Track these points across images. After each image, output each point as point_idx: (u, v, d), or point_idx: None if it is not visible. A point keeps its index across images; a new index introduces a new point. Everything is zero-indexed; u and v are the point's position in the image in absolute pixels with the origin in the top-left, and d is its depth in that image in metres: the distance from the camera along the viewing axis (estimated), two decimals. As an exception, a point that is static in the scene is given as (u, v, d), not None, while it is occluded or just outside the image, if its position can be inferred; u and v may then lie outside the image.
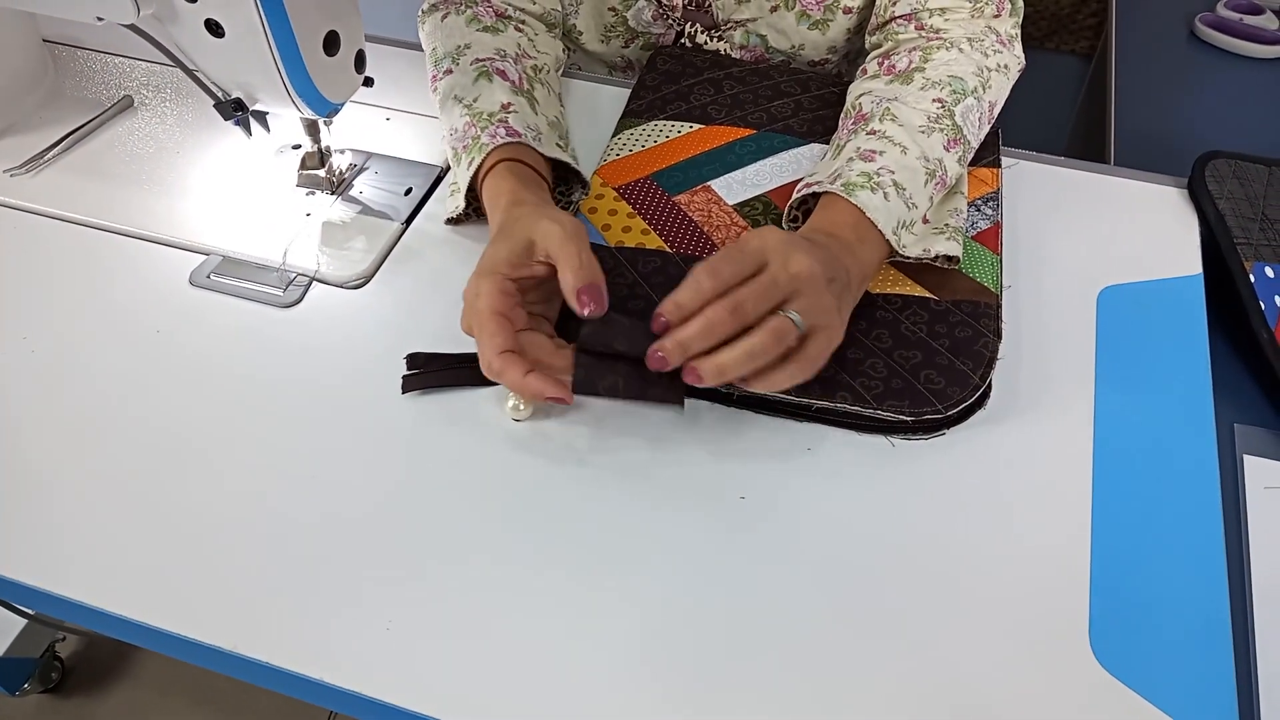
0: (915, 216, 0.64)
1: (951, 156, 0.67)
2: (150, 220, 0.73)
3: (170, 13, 0.63)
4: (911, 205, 0.64)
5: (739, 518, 0.56)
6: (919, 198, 0.64)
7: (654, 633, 0.51)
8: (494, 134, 0.68)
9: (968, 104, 0.69)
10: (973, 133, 0.69)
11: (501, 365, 0.55)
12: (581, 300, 0.56)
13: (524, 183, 0.66)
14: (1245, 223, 0.72)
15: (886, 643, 0.51)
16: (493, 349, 0.55)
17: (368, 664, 0.50)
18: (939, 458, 0.58)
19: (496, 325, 0.56)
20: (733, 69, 0.83)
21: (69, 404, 0.62)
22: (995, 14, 0.75)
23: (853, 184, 0.63)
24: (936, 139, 0.67)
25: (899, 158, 0.65)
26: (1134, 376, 0.63)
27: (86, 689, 1.35)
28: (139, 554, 0.54)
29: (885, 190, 0.63)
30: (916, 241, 0.64)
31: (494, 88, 0.72)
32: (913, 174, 0.64)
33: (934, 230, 0.65)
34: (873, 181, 0.63)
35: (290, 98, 0.66)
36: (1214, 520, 0.56)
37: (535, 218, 0.59)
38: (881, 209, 0.62)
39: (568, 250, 0.56)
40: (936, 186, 0.66)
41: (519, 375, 0.55)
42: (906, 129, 0.67)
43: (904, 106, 0.68)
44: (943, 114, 0.68)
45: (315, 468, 0.58)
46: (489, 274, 0.57)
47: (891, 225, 0.62)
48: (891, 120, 0.67)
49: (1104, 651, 0.50)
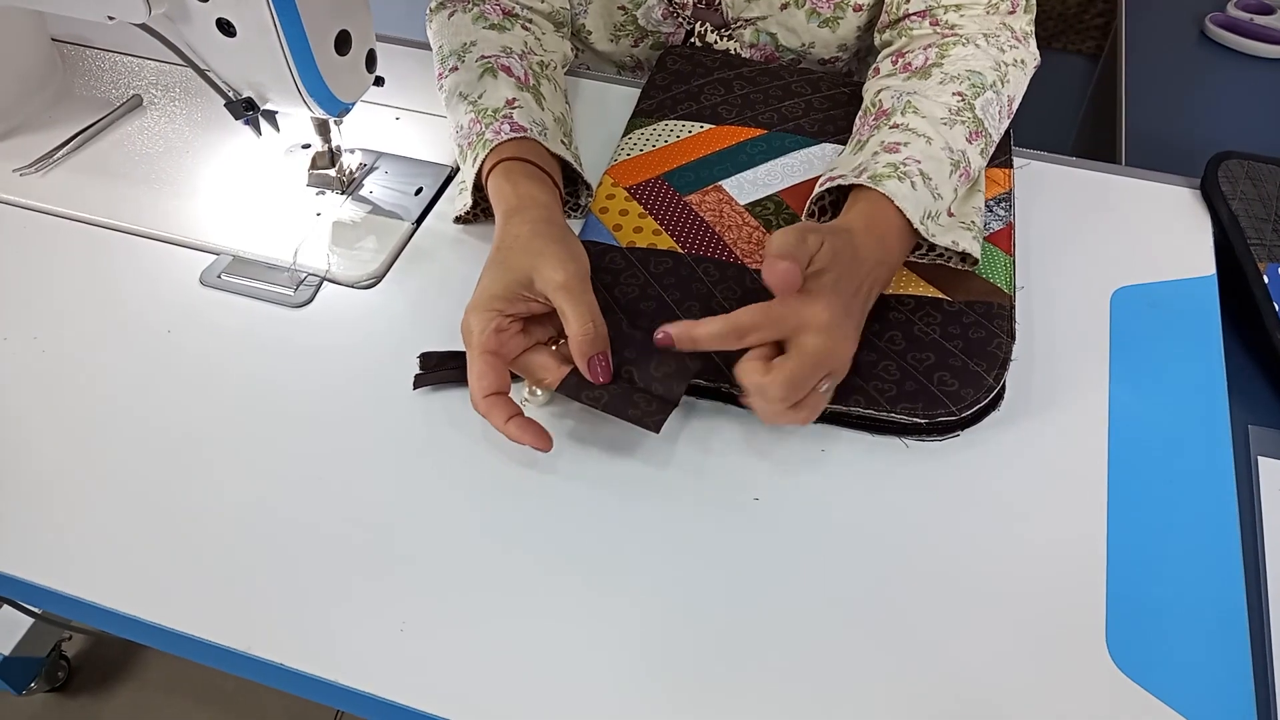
0: (941, 208, 0.64)
1: (974, 149, 0.67)
2: (160, 220, 0.73)
3: (182, 12, 0.63)
4: (937, 195, 0.63)
5: (753, 519, 0.55)
6: (944, 188, 0.64)
7: (667, 634, 0.51)
8: (498, 130, 0.67)
9: (987, 97, 0.69)
10: (993, 126, 0.69)
11: (486, 409, 0.56)
12: (593, 368, 0.56)
13: (527, 184, 0.65)
14: (1258, 223, 0.72)
15: (900, 643, 0.50)
16: (479, 391, 0.56)
17: (381, 664, 0.50)
18: (953, 459, 0.58)
19: (485, 366, 0.56)
20: (743, 69, 0.83)
21: (79, 403, 0.61)
22: (1010, 10, 0.74)
23: (879, 175, 0.62)
24: (959, 131, 0.66)
25: (924, 148, 0.64)
26: (1148, 378, 0.63)
27: (93, 688, 1.35)
28: (148, 553, 0.54)
29: (912, 179, 0.62)
30: (944, 232, 0.63)
31: (499, 84, 0.71)
32: (938, 164, 0.64)
33: (960, 224, 0.65)
34: (899, 171, 0.62)
35: (301, 97, 0.65)
36: (1230, 522, 0.55)
37: (536, 253, 0.58)
38: (910, 198, 0.61)
39: (577, 311, 0.56)
40: (961, 178, 0.65)
41: (500, 422, 0.56)
42: (929, 120, 0.66)
43: (924, 99, 0.68)
44: (963, 106, 0.67)
45: (326, 468, 0.58)
46: (482, 310, 0.57)
47: (919, 215, 0.61)
48: (914, 113, 0.67)
49: (1120, 654, 0.50)
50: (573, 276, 0.57)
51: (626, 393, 0.57)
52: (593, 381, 0.57)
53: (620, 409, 0.56)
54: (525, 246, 0.59)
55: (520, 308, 0.58)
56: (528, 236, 0.60)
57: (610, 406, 0.56)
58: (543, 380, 0.59)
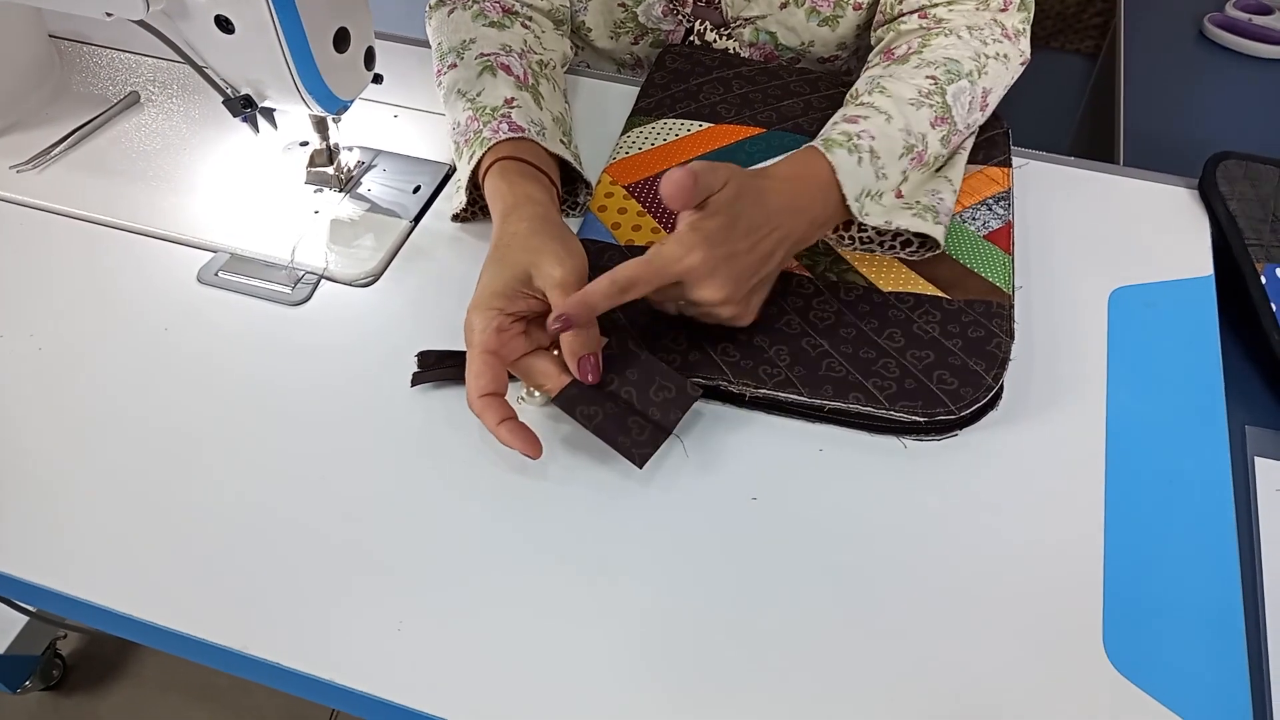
0: (884, 188, 0.64)
1: (935, 134, 0.67)
2: (157, 217, 0.73)
3: (180, 8, 0.62)
4: (881, 176, 0.64)
5: (751, 519, 0.55)
6: (890, 169, 0.64)
7: (666, 634, 0.51)
8: (496, 129, 0.67)
9: (960, 85, 0.69)
10: (961, 115, 0.69)
11: (480, 409, 0.56)
12: (582, 368, 0.57)
13: (524, 183, 0.65)
14: (1256, 224, 0.72)
15: (898, 644, 0.51)
16: (475, 391, 0.56)
17: (378, 664, 0.50)
18: (951, 459, 0.58)
19: (483, 365, 0.56)
20: (742, 68, 0.83)
21: (75, 401, 0.61)
22: (1002, 7, 0.75)
23: (832, 140, 0.63)
24: (924, 113, 0.67)
25: (882, 125, 0.65)
26: (1146, 377, 0.63)
27: (87, 687, 1.35)
28: (144, 552, 0.54)
29: (861, 155, 0.63)
30: (883, 213, 0.64)
31: (497, 82, 0.71)
32: (890, 143, 0.65)
33: (904, 206, 0.65)
34: (851, 142, 0.63)
35: (300, 95, 0.65)
36: (1227, 522, 0.56)
37: (534, 250, 0.58)
38: (852, 173, 0.62)
39: None
40: (912, 162, 0.66)
41: (493, 424, 0.56)
42: (895, 99, 0.67)
43: (896, 81, 0.69)
44: (934, 90, 0.68)
45: (323, 466, 0.58)
46: (483, 309, 0.57)
47: (855, 192, 0.62)
48: (881, 93, 0.68)
49: (1118, 654, 0.50)
50: (570, 273, 0.57)
51: (621, 416, 0.56)
52: (581, 380, 0.57)
53: (611, 434, 0.56)
54: (524, 243, 0.59)
55: (521, 305, 0.58)
56: (526, 233, 0.60)
57: (602, 430, 0.56)
58: (542, 385, 0.59)
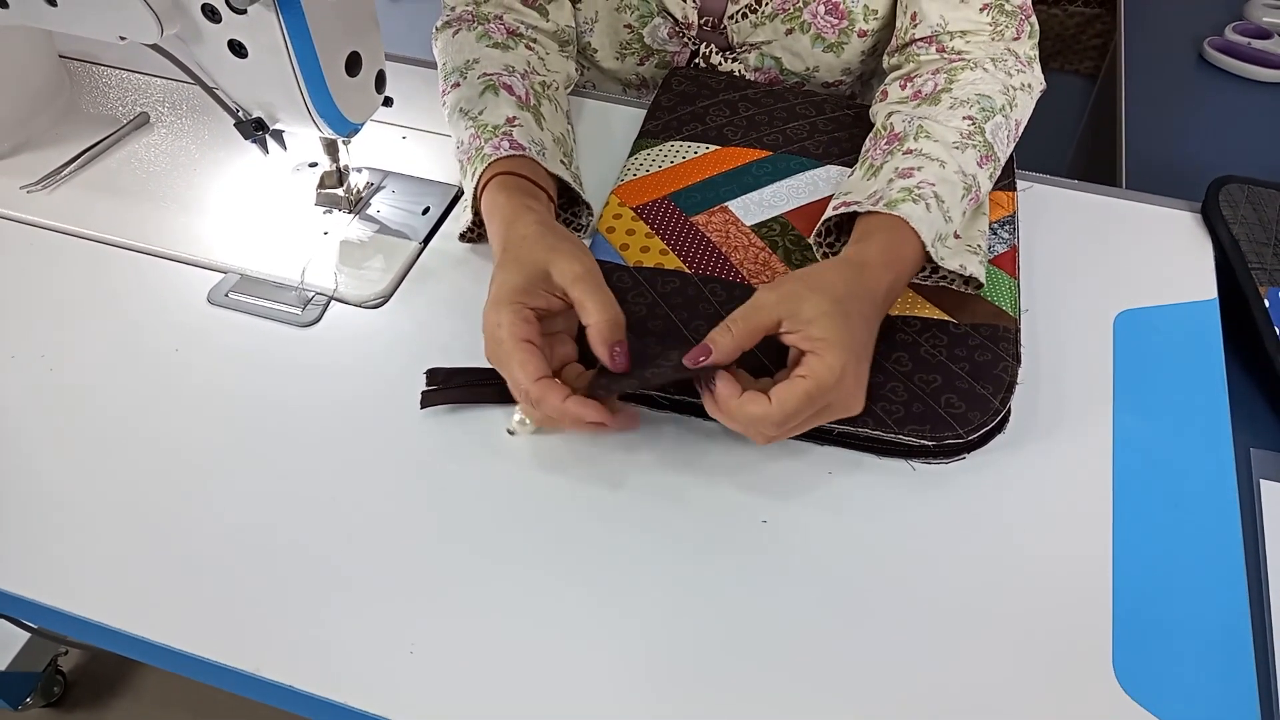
0: (949, 230, 0.64)
1: (984, 173, 0.68)
2: (167, 238, 0.73)
3: (194, 33, 0.63)
4: (948, 219, 0.64)
5: (761, 541, 0.56)
6: (954, 212, 0.64)
7: (677, 656, 0.51)
8: (497, 145, 0.68)
9: (996, 121, 0.70)
10: (1002, 150, 0.70)
11: (540, 392, 0.54)
12: (614, 355, 0.56)
13: (522, 196, 0.65)
14: (1259, 248, 0.72)
15: (907, 665, 0.51)
16: (527, 376, 0.54)
17: (392, 687, 0.50)
18: (960, 481, 0.58)
19: (527, 353, 0.55)
20: (748, 91, 0.84)
21: (84, 421, 0.61)
22: (1015, 36, 0.75)
23: (894, 200, 0.63)
24: (970, 155, 0.67)
25: (939, 171, 0.65)
26: (1151, 401, 0.63)
27: (89, 703, 1.35)
28: (153, 572, 0.54)
29: (926, 201, 0.63)
30: (952, 256, 0.64)
31: (499, 101, 0.72)
32: (951, 187, 0.65)
33: (966, 248, 0.65)
34: (913, 195, 0.63)
35: (311, 118, 0.66)
36: (1234, 545, 0.56)
37: (549, 248, 0.59)
38: (924, 219, 0.62)
39: (596, 299, 0.56)
40: (970, 202, 0.66)
41: (558, 401, 0.54)
42: (942, 144, 0.67)
43: (936, 124, 0.69)
44: (974, 130, 0.68)
45: (333, 488, 0.58)
46: (507, 303, 0.57)
47: (931, 237, 0.62)
48: (926, 138, 0.68)
49: (1127, 676, 0.50)
50: (588, 269, 0.57)
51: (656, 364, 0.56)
52: (612, 370, 0.56)
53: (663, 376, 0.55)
54: (536, 243, 0.59)
55: (540, 301, 0.58)
56: (536, 235, 0.60)
57: (650, 381, 0.56)
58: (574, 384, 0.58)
